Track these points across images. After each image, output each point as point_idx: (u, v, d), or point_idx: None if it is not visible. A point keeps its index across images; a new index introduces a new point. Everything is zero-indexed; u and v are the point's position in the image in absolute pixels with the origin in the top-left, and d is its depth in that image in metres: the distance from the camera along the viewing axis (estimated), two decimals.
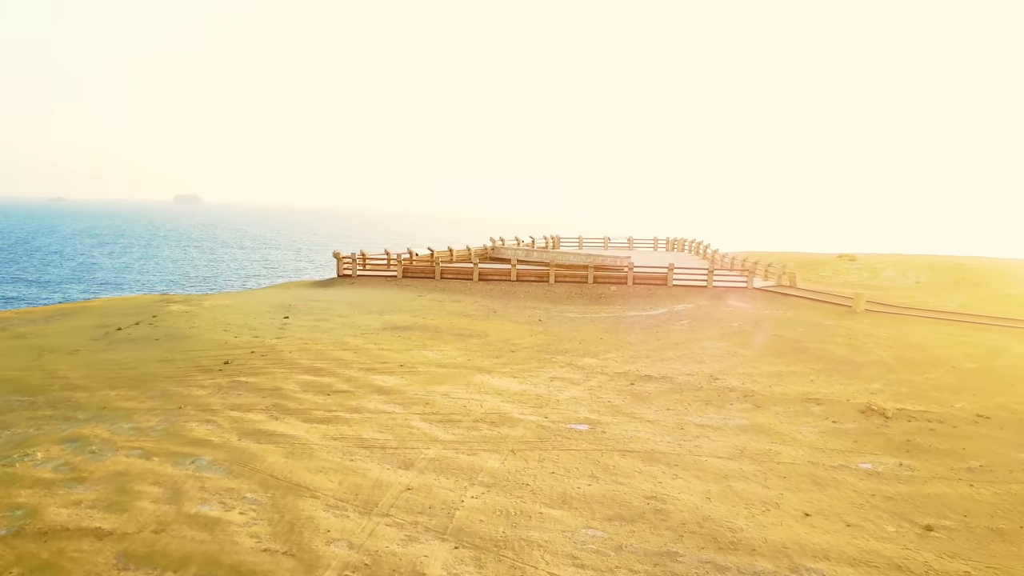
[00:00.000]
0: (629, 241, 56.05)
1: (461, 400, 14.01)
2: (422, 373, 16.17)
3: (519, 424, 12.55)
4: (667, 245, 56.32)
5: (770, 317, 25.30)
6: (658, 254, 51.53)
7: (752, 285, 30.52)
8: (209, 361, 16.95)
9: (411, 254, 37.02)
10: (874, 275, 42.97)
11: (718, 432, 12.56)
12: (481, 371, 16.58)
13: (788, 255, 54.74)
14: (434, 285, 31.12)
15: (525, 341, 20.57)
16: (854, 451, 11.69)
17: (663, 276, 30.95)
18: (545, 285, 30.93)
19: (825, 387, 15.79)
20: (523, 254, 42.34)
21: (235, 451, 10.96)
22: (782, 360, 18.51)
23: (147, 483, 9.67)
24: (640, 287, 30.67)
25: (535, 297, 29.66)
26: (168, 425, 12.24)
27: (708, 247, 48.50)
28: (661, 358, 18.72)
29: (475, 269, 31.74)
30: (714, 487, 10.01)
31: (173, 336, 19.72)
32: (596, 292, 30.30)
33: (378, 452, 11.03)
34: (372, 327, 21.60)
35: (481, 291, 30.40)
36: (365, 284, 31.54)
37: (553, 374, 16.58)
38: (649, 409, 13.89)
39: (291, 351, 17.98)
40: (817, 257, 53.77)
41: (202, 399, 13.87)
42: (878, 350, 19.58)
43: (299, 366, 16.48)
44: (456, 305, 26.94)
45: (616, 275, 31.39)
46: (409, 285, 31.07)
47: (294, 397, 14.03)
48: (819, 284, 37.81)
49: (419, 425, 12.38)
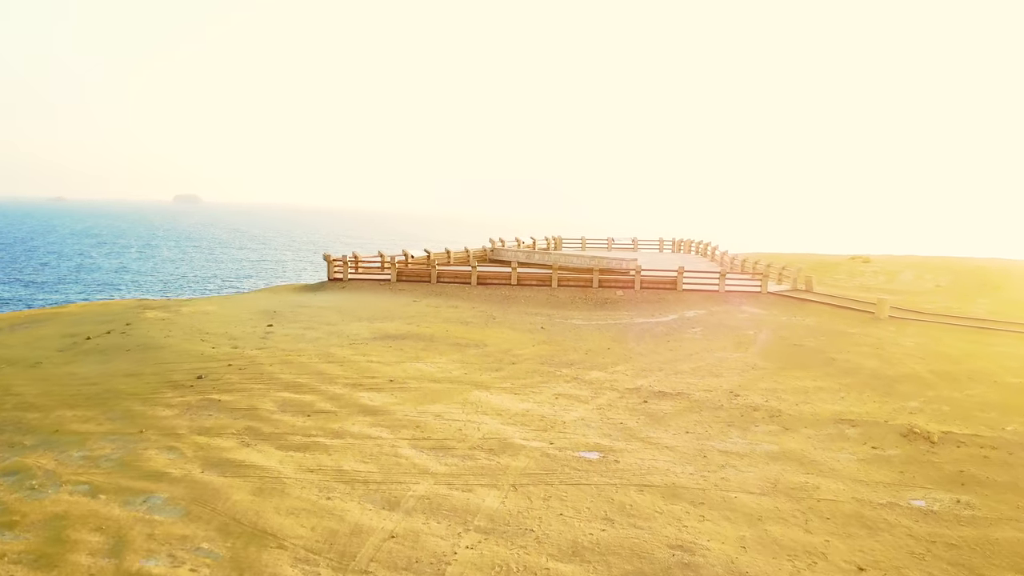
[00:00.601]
0: (634, 242, 54.80)
1: (456, 422, 12.74)
2: (414, 389, 14.90)
3: (521, 452, 11.28)
4: (673, 246, 55.08)
5: (788, 324, 24.04)
6: (664, 256, 50.26)
7: (767, 289, 29.26)
8: (181, 375, 15.68)
9: (406, 256, 35.76)
10: (891, 278, 41.70)
11: (745, 460, 11.29)
12: (479, 387, 15.32)
13: (798, 256, 53.49)
14: (430, 289, 29.87)
15: (527, 351, 19.31)
16: (902, 484, 10.43)
17: (672, 280, 29.69)
18: (547, 289, 29.67)
19: (858, 405, 14.53)
20: (524, 256, 41.09)
21: (196, 487, 9.69)
22: (807, 373, 17.24)
23: (87, 529, 8.39)
24: (648, 291, 29.41)
25: (537, 302, 28.40)
26: (124, 453, 10.98)
27: (716, 248, 47.24)
28: (675, 371, 17.46)
29: (473, 272, 30.48)
30: (748, 532, 8.73)
31: (145, 346, 18.46)
32: (601, 297, 29.04)
33: (360, 488, 9.76)
34: (361, 336, 20.34)
35: (480, 296, 29.14)
36: (357, 288, 30.26)
37: (558, 390, 15.31)
38: (666, 432, 12.63)
39: (272, 364, 16.72)
40: (829, 259, 52.51)
41: (167, 421, 12.60)
42: (910, 362, 18.31)
43: (279, 381, 15.21)
44: (453, 311, 25.68)
45: (622, 279, 30.13)
46: (404, 289, 29.81)
47: (270, 419, 12.76)
48: (834, 288, 36.55)
49: (408, 453, 11.11)
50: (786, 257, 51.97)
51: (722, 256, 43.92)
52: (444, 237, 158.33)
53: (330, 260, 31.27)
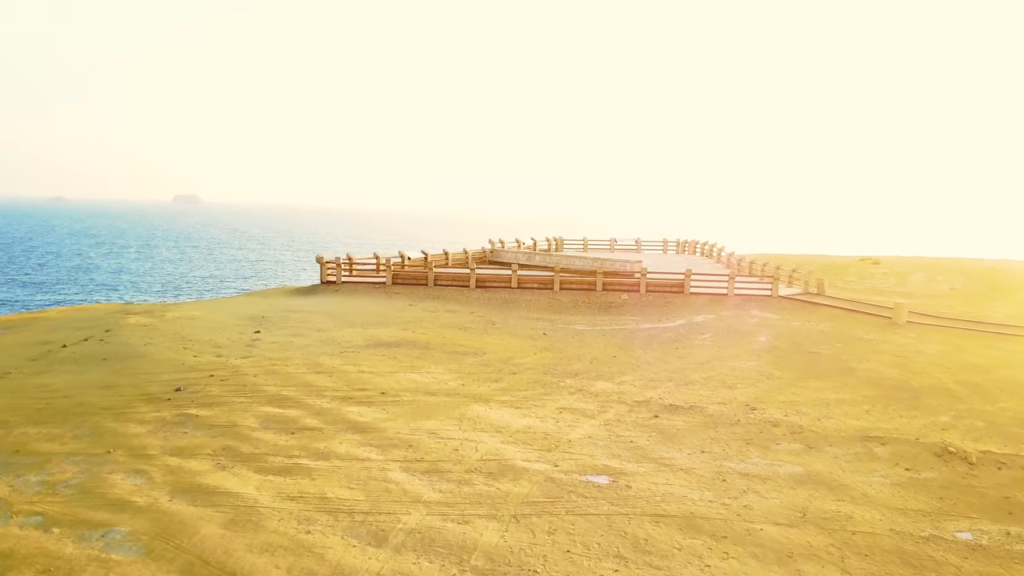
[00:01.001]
0: (637, 243, 53.88)
1: (452, 440, 11.85)
2: (407, 403, 14.00)
3: (523, 475, 10.38)
4: (677, 247, 54.21)
5: (802, 330, 23.15)
6: (668, 257, 49.36)
7: (777, 293, 28.37)
8: (158, 387, 14.80)
9: (403, 258, 34.87)
10: (902, 280, 40.83)
11: (768, 484, 10.40)
12: (477, 400, 14.43)
13: (806, 258, 52.62)
14: (427, 293, 28.97)
15: (528, 360, 18.42)
16: (943, 513, 9.54)
17: (679, 283, 28.80)
18: (549, 293, 28.78)
19: (885, 420, 13.64)
20: (524, 258, 40.20)
21: (162, 518, 8.80)
22: (826, 384, 16.35)
23: (32, 572, 7.50)
24: (654, 295, 28.52)
25: (538, 306, 27.51)
26: (87, 477, 10.09)
27: (722, 250, 46.35)
28: (686, 381, 16.57)
29: (472, 275, 29.59)
30: (779, 573, 7.84)
31: (123, 355, 17.56)
32: (605, 301, 28.15)
33: (344, 519, 8.87)
34: (353, 344, 19.44)
35: (479, 300, 28.25)
36: (351, 292, 29.36)
37: (562, 403, 14.42)
38: (680, 452, 11.74)
39: (256, 374, 15.82)
40: (838, 260, 51.64)
41: (139, 439, 11.71)
42: (935, 372, 17.42)
43: (263, 394, 14.32)
44: (451, 316, 24.79)
45: (627, 282, 29.24)
46: (399, 293, 28.91)
47: (250, 437, 11.87)
48: (845, 291, 35.66)
49: (398, 478, 10.21)
50: (793, 258, 51.11)
51: (728, 257, 43.04)
52: (443, 237, 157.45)
53: (323, 262, 30.38)
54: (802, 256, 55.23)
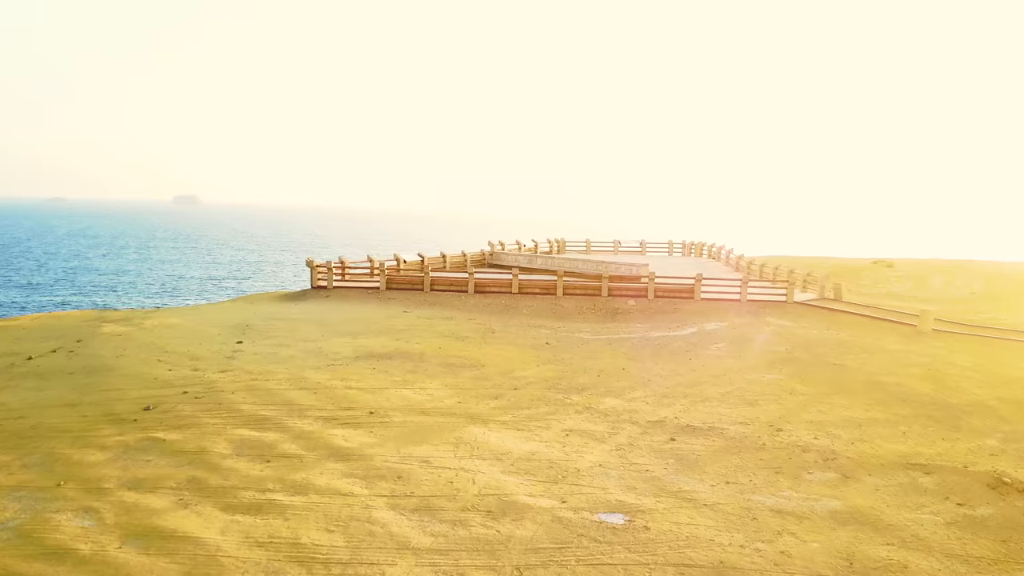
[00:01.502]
0: (642, 245, 52.75)
1: (446, 471, 10.71)
2: (397, 425, 12.86)
3: (527, 514, 9.25)
4: (683, 249, 53.01)
5: (822, 339, 22.02)
6: (674, 260, 48.26)
7: (792, 299, 27.23)
8: (126, 406, 13.66)
9: (398, 261, 33.72)
10: (920, 284, 39.73)
11: (805, 524, 9.27)
12: (475, 420, 13.29)
13: (815, 260, 51.52)
14: (423, 299, 27.82)
15: (530, 373, 17.28)
16: (1010, 560, 8.40)
17: (689, 288, 27.66)
18: (551, 299, 27.64)
19: (925, 444, 12.50)
20: (525, 260, 39.05)
21: (106, 570, 7.67)
22: (855, 401, 15.22)
23: None
24: (663, 300, 27.38)
25: (540, 312, 26.36)
26: (29, 517, 8.95)
27: (730, 252, 45.21)
28: (702, 397, 15.44)
29: (470, 279, 28.45)
30: None
31: (92, 369, 16.43)
32: (611, 307, 27.00)
33: (319, 571, 7.73)
34: (342, 355, 18.30)
35: (477, 306, 27.11)
36: (342, 297, 28.20)
37: (568, 424, 13.28)
38: (702, 482, 10.61)
39: (235, 391, 14.68)
40: (850, 263, 50.53)
41: (95, 469, 10.58)
42: (972, 387, 16.29)
43: (239, 414, 13.18)
44: (447, 324, 23.65)
45: (634, 287, 28.10)
46: (393, 298, 27.76)
47: (220, 466, 10.73)
48: (861, 295, 34.56)
49: (385, 517, 9.07)
50: (802, 261, 49.96)
51: (737, 260, 41.91)
52: (442, 238, 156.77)
53: (313, 266, 29.20)
54: (811, 259, 54.08)
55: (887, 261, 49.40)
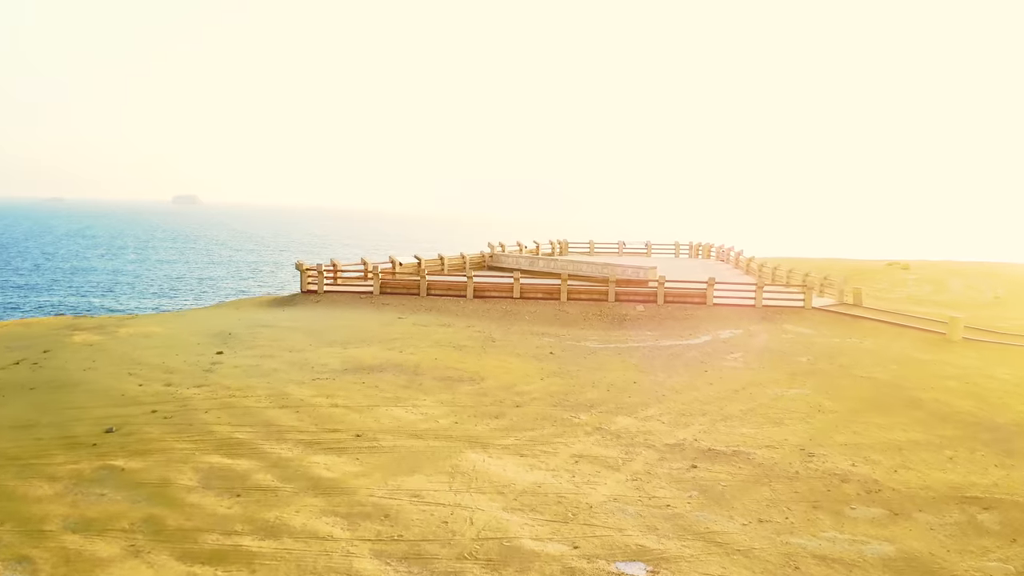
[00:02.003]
0: (647, 246, 51.55)
1: (441, 507, 9.53)
2: (386, 451, 11.68)
3: (533, 564, 8.06)
4: (690, 251, 51.83)
5: (845, 349, 20.84)
6: (681, 262, 47.09)
7: (811, 304, 26.05)
8: (86, 427, 12.49)
9: (393, 264, 32.56)
10: (939, 287, 38.51)
11: (856, 574, 8.08)
12: (473, 444, 12.11)
13: (826, 263, 50.39)
14: (419, 304, 26.63)
15: (534, 387, 16.11)
16: None
17: (701, 293, 26.47)
18: (555, 304, 26.46)
19: (978, 473, 11.31)
20: (527, 263, 37.89)
21: None
22: (892, 420, 14.03)
23: None
24: (673, 306, 26.19)
25: (543, 319, 25.18)
26: None
27: (740, 254, 44.02)
28: (722, 415, 14.26)
29: (469, 284, 27.27)
30: None
31: (56, 383, 15.25)
32: (618, 313, 25.82)
33: None
34: (330, 368, 17.11)
35: (477, 311, 25.93)
36: (334, 303, 27.00)
37: (577, 448, 12.11)
38: (731, 521, 9.42)
39: (209, 409, 13.51)
40: (862, 265, 49.35)
41: (40, 506, 9.40)
42: (1017, 404, 15.10)
43: (211, 437, 12.00)
44: (445, 331, 22.47)
45: (642, 291, 26.91)
46: (388, 304, 26.57)
47: (183, 502, 9.54)
48: (879, 299, 33.37)
49: (368, 569, 7.89)
50: (813, 263, 48.78)
51: (747, 262, 40.74)
52: (442, 238, 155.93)
53: (303, 269, 28.00)
54: (822, 260, 52.90)
55: (902, 263, 48.23)
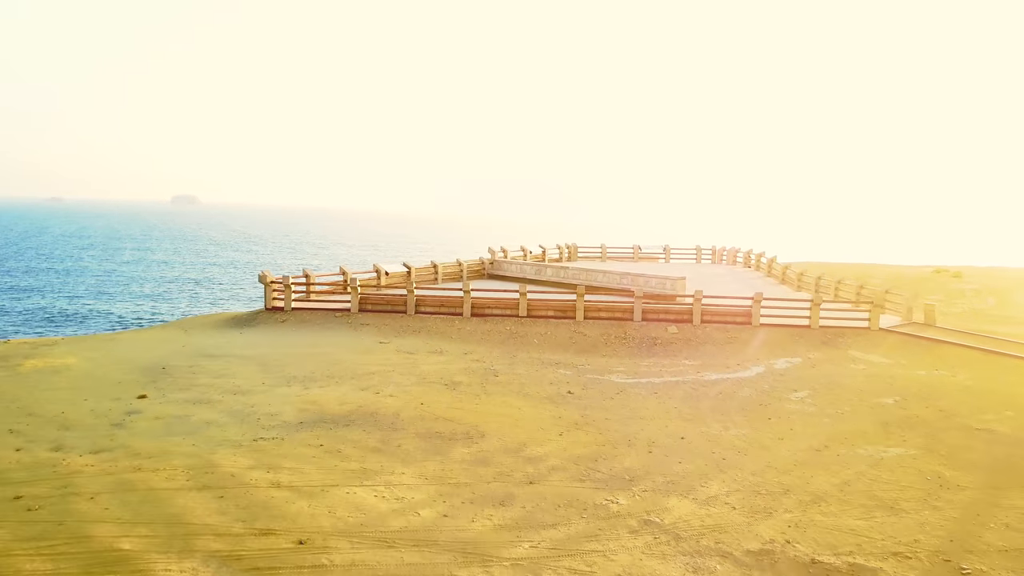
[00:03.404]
0: (665, 251, 47.88)
1: None
2: (337, 572, 8.05)
3: None
4: (712, 256, 48.10)
5: (937, 385, 17.21)
6: (704, 269, 43.35)
7: (878, 325, 22.43)
8: None
9: (379, 273, 28.95)
10: (1004, 300, 34.90)
11: None
12: (469, 558, 8.50)
13: (863, 268, 46.93)
14: (406, 324, 22.97)
15: (551, 448, 12.50)
16: None
17: (746, 311, 22.83)
18: (570, 324, 22.82)
19: None
20: (532, 271, 34.28)
21: None
22: None
23: None
24: (712, 327, 22.56)
25: (556, 343, 21.55)
26: None
27: (772, 260, 40.27)
28: (811, 493, 10.65)
29: (466, 299, 23.61)
30: None
31: None
32: (647, 335, 22.17)
33: None
34: (281, 420, 13.49)
35: (475, 334, 22.29)
36: (302, 323, 23.31)
37: (623, 564, 8.48)
38: None
39: (97, 493, 9.90)
40: (905, 271, 45.84)
41: None
42: None
43: (83, 549, 8.39)
44: (436, 361, 18.86)
45: (675, 308, 23.26)
46: (368, 324, 22.90)
47: None
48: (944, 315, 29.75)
49: None
50: (848, 269, 45.22)
51: (783, 270, 37.06)
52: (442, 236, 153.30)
53: (268, 282, 24.28)
54: (857, 266, 49.37)
55: (951, 270, 44.71)
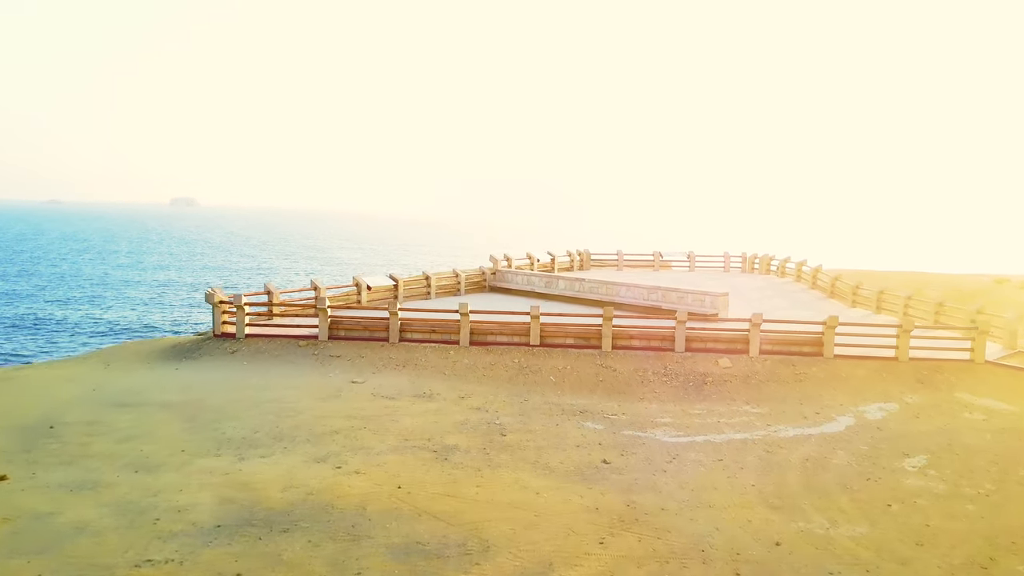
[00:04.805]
0: (689, 258, 43.74)
1: None
2: None
3: None
4: (743, 263, 43.85)
5: None
6: (735, 279, 39.20)
7: (983, 357, 18.40)
8: None
9: (359, 288, 25.00)
10: None
11: None
12: None
13: (910, 277, 42.69)
14: (387, 356, 18.91)
15: (593, 570, 8.47)
16: None
17: (816, 338, 18.77)
18: (595, 355, 18.78)
19: None
20: (542, 284, 30.30)
21: None
22: None
23: None
24: (773, 359, 18.52)
25: (578, 381, 17.54)
26: None
27: (818, 269, 36.08)
28: None
29: (464, 323, 19.52)
30: None
31: None
32: (693, 369, 18.13)
33: None
34: (190, 517, 9.44)
35: (475, 368, 18.24)
36: (258, 354, 19.17)
37: None
38: None
39: None
40: (962, 282, 41.68)
41: None
42: None
43: None
44: (423, 411, 14.85)
45: (725, 335, 19.20)
46: (340, 356, 18.82)
47: None
48: None
49: None
50: (895, 279, 41.10)
51: (832, 282, 33.02)
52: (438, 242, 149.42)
53: (217, 303, 20.06)
54: (898, 275, 45.10)
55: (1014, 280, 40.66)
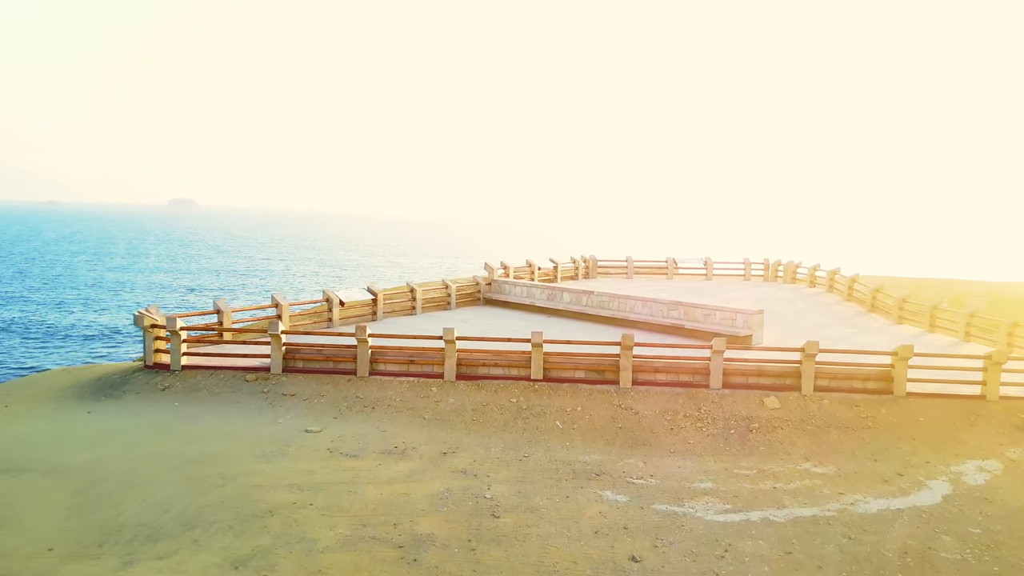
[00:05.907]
0: (706, 265, 40.49)
1: None
2: None
3: None
4: (765, 271, 40.63)
5: None
6: (760, 289, 36.04)
7: None
8: None
9: (330, 303, 21.88)
10: None
11: None
12: None
13: (947, 285, 39.56)
14: (353, 394, 15.74)
15: None
16: None
17: (884, 373, 15.63)
18: (610, 392, 15.64)
19: None
20: (544, 296, 27.17)
21: None
22: None
23: None
24: (832, 397, 15.38)
25: (590, 426, 14.41)
26: None
27: (855, 279, 32.87)
28: None
29: (449, 352, 16.33)
30: None
31: None
32: (734, 412, 14.98)
33: None
34: None
35: (462, 411, 15.09)
36: (193, 391, 15.92)
37: None
38: None
39: None
40: (1003, 290, 38.60)
41: None
42: None
43: None
44: (391, 475, 11.73)
45: (771, 368, 16.03)
46: (295, 394, 15.67)
47: None
48: None
49: None
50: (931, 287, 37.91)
51: (873, 295, 29.86)
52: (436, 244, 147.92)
53: (148, 327, 16.75)
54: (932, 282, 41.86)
55: None
